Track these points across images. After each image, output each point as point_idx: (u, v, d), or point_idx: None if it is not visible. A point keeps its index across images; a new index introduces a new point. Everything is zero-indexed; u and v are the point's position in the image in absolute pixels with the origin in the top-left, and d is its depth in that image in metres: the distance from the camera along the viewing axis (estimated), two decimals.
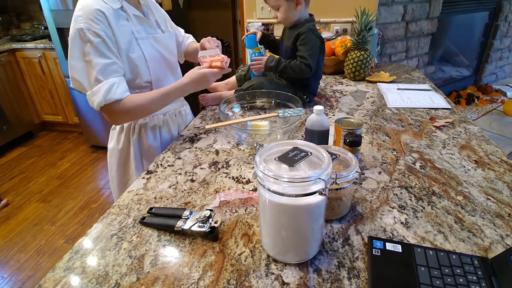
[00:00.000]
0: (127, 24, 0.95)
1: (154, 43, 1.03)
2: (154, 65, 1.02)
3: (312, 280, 0.56)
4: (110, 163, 1.15)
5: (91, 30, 0.86)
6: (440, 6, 2.73)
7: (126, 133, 1.09)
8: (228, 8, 3.94)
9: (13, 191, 2.55)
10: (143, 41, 0.99)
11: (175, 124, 1.18)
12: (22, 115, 3.25)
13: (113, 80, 0.90)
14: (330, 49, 1.71)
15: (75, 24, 0.87)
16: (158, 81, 1.04)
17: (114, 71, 0.91)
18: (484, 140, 1.01)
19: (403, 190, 0.79)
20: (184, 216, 0.68)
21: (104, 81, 0.89)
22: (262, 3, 2.04)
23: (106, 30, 0.89)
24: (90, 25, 0.86)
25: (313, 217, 0.57)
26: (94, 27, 0.87)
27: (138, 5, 1.03)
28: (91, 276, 0.59)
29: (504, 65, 4.02)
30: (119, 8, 0.94)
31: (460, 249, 0.62)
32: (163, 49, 1.06)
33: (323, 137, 0.88)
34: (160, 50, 1.05)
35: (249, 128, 1.00)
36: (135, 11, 0.99)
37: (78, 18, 0.87)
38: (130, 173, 1.11)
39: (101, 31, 0.87)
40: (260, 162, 0.55)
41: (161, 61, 1.06)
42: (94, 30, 0.87)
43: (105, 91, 0.89)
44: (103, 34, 0.88)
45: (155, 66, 1.02)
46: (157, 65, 1.04)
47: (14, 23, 3.53)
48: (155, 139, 1.11)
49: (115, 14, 0.91)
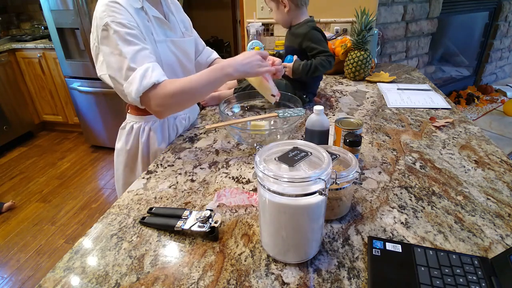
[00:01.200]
0: (147, 25, 0.93)
1: (172, 46, 1.00)
2: (169, 70, 0.98)
3: (312, 280, 0.56)
4: (117, 163, 1.13)
5: (115, 21, 0.84)
6: (440, 6, 2.73)
7: (135, 134, 1.08)
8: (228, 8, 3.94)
9: (13, 191, 2.55)
10: (161, 44, 0.96)
11: (184, 129, 1.17)
12: (22, 115, 3.25)
13: (147, 65, 0.85)
14: (330, 49, 1.71)
15: (100, 21, 0.85)
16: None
17: (146, 56, 0.87)
18: (484, 140, 1.01)
19: (403, 190, 0.79)
20: (184, 216, 0.68)
21: (138, 68, 0.85)
22: (262, 3, 2.04)
23: (131, 19, 0.86)
24: (114, 16, 0.84)
25: (313, 217, 0.57)
26: (118, 18, 0.84)
27: (159, 5, 1.00)
28: (91, 276, 0.59)
29: (504, 65, 4.02)
30: (140, 8, 0.91)
31: (460, 249, 0.62)
32: (180, 53, 1.04)
33: (323, 137, 0.88)
34: (177, 55, 1.02)
35: (249, 128, 1.00)
36: (155, 12, 0.96)
37: (103, 14, 0.85)
38: (136, 174, 1.10)
39: (125, 20, 0.85)
40: (260, 162, 0.55)
41: (177, 65, 1.04)
42: (118, 20, 0.84)
43: (140, 76, 0.84)
44: (127, 23, 0.85)
45: (170, 71, 0.99)
46: (172, 70, 1.01)
47: (14, 23, 3.54)
48: (164, 142, 1.09)
49: (136, 13, 0.90)
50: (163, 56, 0.97)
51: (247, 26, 2.03)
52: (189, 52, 1.09)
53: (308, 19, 1.25)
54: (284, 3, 1.21)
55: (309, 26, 1.22)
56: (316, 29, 1.23)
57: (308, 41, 1.21)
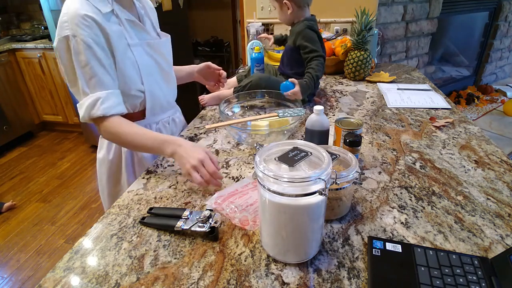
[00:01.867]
0: (119, 29, 0.88)
1: (148, 49, 0.96)
2: (147, 74, 0.96)
3: (312, 280, 0.56)
4: (100, 173, 1.07)
5: (76, 37, 0.79)
6: (440, 6, 2.73)
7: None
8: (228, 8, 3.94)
9: (13, 191, 2.55)
10: (136, 48, 0.92)
11: (168, 132, 1.10)
12: (22, 115, 3.25)
13: (99, 95, 0.83)
14: (330, 49, 1.71)
15: (60, 31, 0.81)
16: (151, 91, 0.98)
17: (101, 83, 0.84)
18: (484, 140, 1.01)
19: (403, 190, 0.79)
20: (184, 216, 0.68)
21: (90, 95, 0.83)
22: (262, 3, 2.04)
23: (95, 37, 0.81)
24: (76, 31, 0.79)
25: (313, 217, 0.57)
26: (80, 33, 0.79)
27: (131, 7, 0.96)
28: (91, 276, 0.59)
29: (504, 65, 4.02)
30: (110, 12, 0.86)
31: (460, 249, 0.62)
32: (158, 56, 1.00)
33: (323, 137, 0.88)
34: (155, 57, 0.99)
35: (249, 128, 1.00)
36: (127, 14, 0.91)
37: (64, 25, 0.80)
38: (122, 184, 1.05)
39: (88, 38, 0.80)
40: (260, 162, 0.55)
41: (156, 69, 1.00)
42: (81, 37, 0.80)
43: (89, 105, 0.83)
44: (90, 41, 0.81)
45: (148, 75, 0.96)
46: (150, 74, 0.97)
47: (14, 23, 3.53)
48: None
49: (105, 18, 0.84)
50: (140, 60, 0.93)
51: (247, 26, 2.03)
52: (166, 54, 1.04)
53: (307, 18, 1.25)
54: (287, 5, 1.23)
55: (305, 24, 1.23)
56: (312, 29, 1.24)
57: (301, 39, 1.23)
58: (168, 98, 1.08)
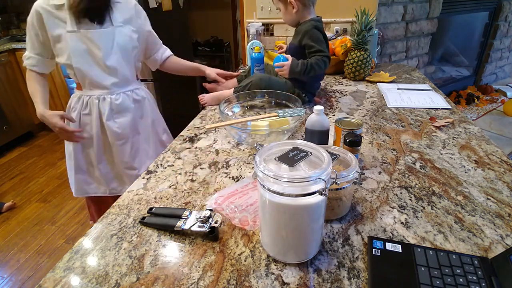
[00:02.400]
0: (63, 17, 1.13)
1: (84, 38, 1.15)
2: (78, 57, 1.17)
3: (312, 280, 0.56)
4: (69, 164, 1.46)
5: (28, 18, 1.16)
6: (440, 6, 2.73)
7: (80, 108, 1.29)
8: (228, 8, 3.94)
9: (13, 191, 2.55)
10: (71, 34, 1.14)
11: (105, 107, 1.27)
12: (22, 115, 3.24)
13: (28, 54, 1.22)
14: (330, 49, 1.71)
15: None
16: (81, 71, 1.19)
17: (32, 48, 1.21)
18: (484, 140, 1.01)
19: (403, 190, 0.79)
20: (184, 216, 0.68)
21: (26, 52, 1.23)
22: (262, 3, 2.04)
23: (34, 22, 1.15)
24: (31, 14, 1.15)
25: (313, 217, 0.57)
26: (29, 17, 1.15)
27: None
28: (91, 276, 0.59)
29: (504, 65, 4.01)
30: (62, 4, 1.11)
31: (460, 249, 0.62)
32: (92, 44, 1.17)
33: (323, 137, 0.88)
34: (89, 46, 1.17)
35: (249, 128, 1.00)
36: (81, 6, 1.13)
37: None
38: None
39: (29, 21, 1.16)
40: (260, 162, 0.55)
41: (87, 55, 1.18)
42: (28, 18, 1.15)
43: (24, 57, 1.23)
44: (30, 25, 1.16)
45: (78, 58, 1.17)
46: (81, 58, 1.18)
47: (14, 23, 3.53)
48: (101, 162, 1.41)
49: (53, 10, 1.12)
50: (72, 45, 1.15)
51: (247, 26, 2.03)
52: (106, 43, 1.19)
53: (314, 18, 1.25)
54: (292, 4, 1.22)
55: (312, 24, 1.22)
56: (318, 29, 1.23)
57: (307, 39, 1.22)
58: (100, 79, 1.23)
